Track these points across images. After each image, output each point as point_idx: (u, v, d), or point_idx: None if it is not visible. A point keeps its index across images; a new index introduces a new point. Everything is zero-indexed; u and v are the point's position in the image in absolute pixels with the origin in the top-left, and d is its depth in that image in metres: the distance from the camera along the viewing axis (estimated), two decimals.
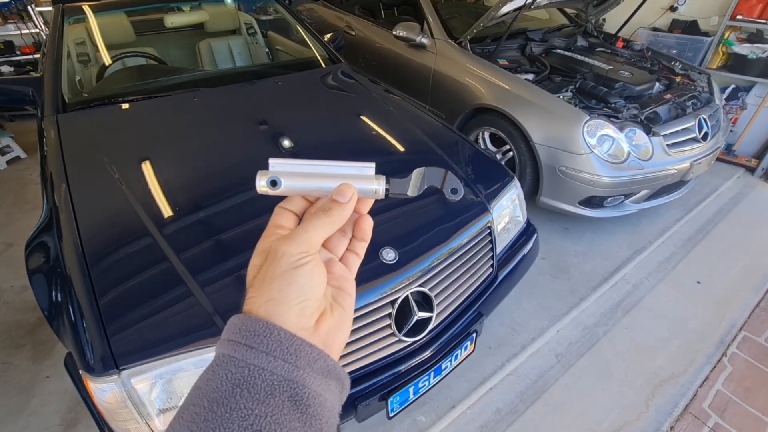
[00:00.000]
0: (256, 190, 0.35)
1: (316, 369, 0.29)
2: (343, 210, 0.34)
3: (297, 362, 0.28)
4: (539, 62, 2.76)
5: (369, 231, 0.38)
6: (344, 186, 0.35)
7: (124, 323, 1.01)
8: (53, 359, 1.83)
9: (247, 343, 0.28)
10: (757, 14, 3.06)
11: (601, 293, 2.19)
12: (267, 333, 0.28)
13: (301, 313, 0.30)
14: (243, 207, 1.35)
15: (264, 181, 0.35)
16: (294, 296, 0.30)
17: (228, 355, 0.28)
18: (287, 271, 0.30)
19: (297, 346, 0.29)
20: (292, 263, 0.31)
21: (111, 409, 0.97)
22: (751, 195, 3.01)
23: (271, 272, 0.31)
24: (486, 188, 1.55)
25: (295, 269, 0.31)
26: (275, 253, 0.31)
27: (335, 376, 0.31)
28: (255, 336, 0.28)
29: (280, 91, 2.05)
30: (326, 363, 0.30)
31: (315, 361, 0.29)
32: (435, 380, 1.36)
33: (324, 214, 0.33)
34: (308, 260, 0.31)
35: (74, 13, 2.31)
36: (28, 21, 4.16)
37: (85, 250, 1.16)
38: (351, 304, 0.36)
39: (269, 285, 0.30)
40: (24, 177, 3.24)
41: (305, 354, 0.29)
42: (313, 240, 0.32)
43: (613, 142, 2.20)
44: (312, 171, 0.36)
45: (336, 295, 0.35)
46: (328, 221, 0.33)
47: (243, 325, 0.29)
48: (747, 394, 1.72)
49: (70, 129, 1.66)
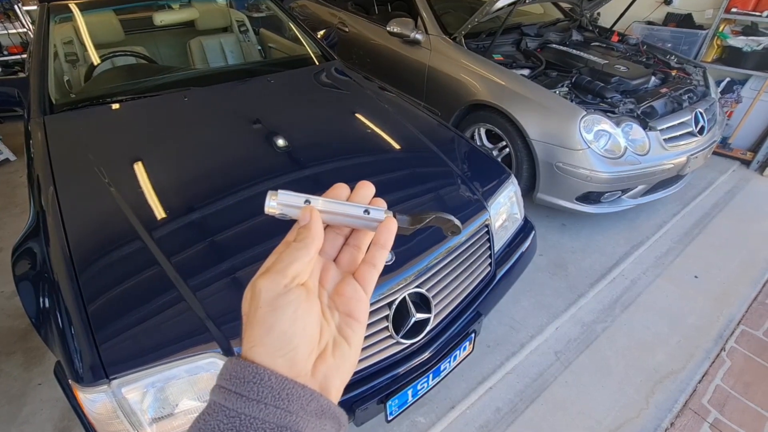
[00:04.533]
0: (265, 210, 0.34)
1: (310, 411, 0.28)
2: (309, 231, 0.32)
3: (289, 407, 0.27)
4: (535, 57, 2.74)
5: (392, 235, 0.35)
6: (302, 210, 0.33)
7: (114, 331, 0.98)
8: (45, 366, 1.80)
9: (238, 391, 0.27)
10: (751, 7, 3.06)
11: (599, 290, 2.18)
12: (258, 380, 0.27)
13: (291, 364, 0.29)
14: (235, 209, 1.32)
15: (275, 201, 0.33)
16: (277, 345, 0.28)
17: (219, 404, 0.27)
18: (267, 313, 0.29)
19: (289, 390, 0.27)
20: (270, 300, 0.29)
21: (102, 419, 0.95)
22: (747, 188, 3.01)
23: (253, 311, 0.29)
24: (483, 186, 1.53)
25: (275, 311, 0.29)
26: (253, 289, 0.29)
27: (330, 416, 0.29)
28: (245, 383, 0.27)
29: (273, 90, 2.01)
30: (320, 403, 0.28)
31: (308, 403, 0.28)
32: (434, 382, 1.34)
33: (295, 243, 0.32)
34: (290, 298, 0.29)
35: (60, 12, 2.26)
36: (15, 20, 4.09)
37: (73, 255, 1.13)
38: (359, 336, 0.33)
39: (251, 329, 0.29)
40: (13, 180, 3.18)
41: (298, 397, 0.27)
42: (289, 270, 0.30)
43: (610, 138, 2.19)
44: (322, 208, 0.34)
45: (343, 326, 0.33)
46: (300, 246, 0.31)
47: (234, 370, 0.28)
48: (746, 388, 1.72)
49: (57, 131, 1.62)
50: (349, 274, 0.35)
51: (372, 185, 0.37)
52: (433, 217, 0.37)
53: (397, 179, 1.52)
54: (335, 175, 1.50)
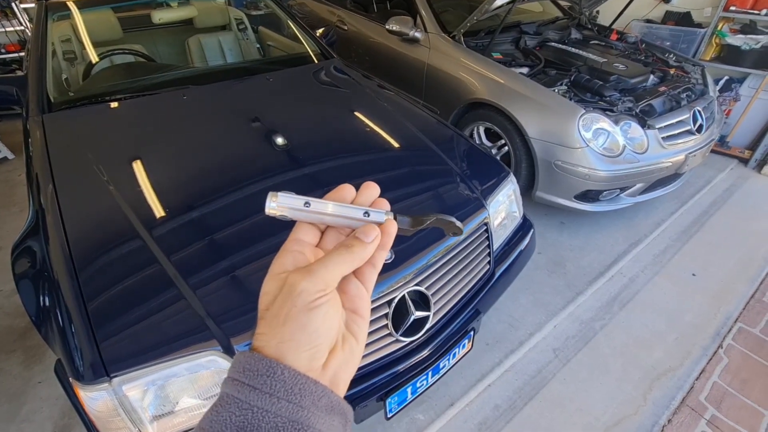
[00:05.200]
0: (265, 211, 0.34)
1: (321, 407, 0.28)
2: (365, 249, 0.33)
3: (301, 402, 0.28)
4: (533, 56, 2.74)
5: (392, 238, 0.36)
6: (370, 226, 0.34)
7: (114, 329, 0.99)
8: (45, 364, 1.80)
9: (251, 384, 0.27)
10: (750, 5, 3.06)
11: (597, 287, 2.19)
12: (271, 373, 0.28)
13: (312, 357, 0.30)
14: (235, 207, 1.32)
15: (275, 203, 0.34)
16: (306, 341, 0.29)
17: (232, 396, 0.28)
18: (302, 312, 0.29)
19: (301, 386, 0.28)
20: (308, 303, 0.29)
21: (102, 417, 0.95)
22: (745, 186, 3.02)
23: (286, 310, 0.29)
24: (482, 184, 1.54)
25: (310, 311, 0.29)
26: (292, 288, 0.30)
27: (339, 412, 0.30)
28: (259, 376, 0.28)
29: (271, 88, 2.01)
30: (330, 399, 0.29)
31: (319, 399, 0.28)
32: (433, 379, 1.35)
33: (346, 251, 0.32)
34: (324, 300, 0.30)
35: (58, 10, 2.26)
36: (13, 18, 4.07)
37: (73, 253, 1.13)
38: (364, 331, 0.35)
39: (282, 326, 0.29)
40: (11, 178, 3.17)
41: (310, 393, 0.28)
42: (331, 277, 0.31)
43: (609, 136, 2.19)
44: (323, 210, 0.34)
45: (350, 322, 0.34)
46: (349, 258, 0.32)
47: (247, 363, 0.28)
48: (743, 385, 1.73)
49: (56, 129, 1.62)
50: (350, 273, 0.35)
51: (377, 186, 0.38)
52: (434, 219, 0.37)
53: (396, 177, 1.52)
54: (334, 174, 1.50)
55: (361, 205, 0.36)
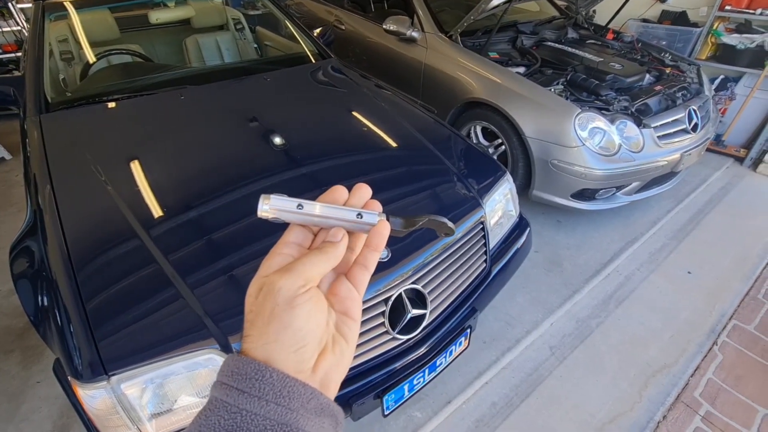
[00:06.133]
0: (257, 214, 0.34)
1: (310, 409, 0.29)
2: (336, 249, 0.34)
3: (290, 404, 0.28)
4: (530, 55, 2.75)
5: (384, 239, 0.36)
6: (337, 228, 0.35)
7: (113, 328, 0.99)
8: (43, 364, 1.80)
9: (239, 387, 0.28)
10: (745, 5, 3.08)
11: (593, 285, 2.20)
12: (259, 376, 0.28)
13: (299, 359, 0.30)
14: (232, 207, 1.32)
15: (267, 205, 0.34)
16: (291, 341, 0.29)
17: (220, 400, 0.28)
18: (285, 310, 0.30)
19: (290, 388, 0.28)
20: (289, 299, 0.30)
21: (101, 415, 0.96)
22: (740, 185, 3.04)
23: (269, 310, 0.30)
24: (478, 183, 1.55)
25: (293, 309, 0.30)
26: (272, 287, 0.30)
27: (329, 413, 0.30)
28: (247, 379, 0.28)
29: (269, 88, 2.01)
30: (320, 401, 0.29)
31: (309, 401, 0.29)
32: (430, 377, 1.36)
33: (319, 251, 0.33)
34: (306, 298, 0.30)
35: (55, 10, 2.25)
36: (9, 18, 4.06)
37: (71, 253, 1.13)
38: (355, 333, 0.35)
39: (267, 326, 0.30)
40: (9, 179, 3.17)
41: (299, 395, 0.28)
42: (309, 274, 0.31)
43: (605, 135, 2.21)
44: (316, 212, 0.35)
45: (340, 324, 0.34)
46: (323, 258, 0.33)
47: (236, 367, 0.28)
48: (737, 381, 1.74)
49: (53, 129, 1.62)
50: (342, 275, 0.36)
51: (368, 187, 0.38)
52: (427, 220, 0.38)
53: (393, 177, 1.53)
54: (331, 173, 1.51)
55: (353, 206, 0.36)
